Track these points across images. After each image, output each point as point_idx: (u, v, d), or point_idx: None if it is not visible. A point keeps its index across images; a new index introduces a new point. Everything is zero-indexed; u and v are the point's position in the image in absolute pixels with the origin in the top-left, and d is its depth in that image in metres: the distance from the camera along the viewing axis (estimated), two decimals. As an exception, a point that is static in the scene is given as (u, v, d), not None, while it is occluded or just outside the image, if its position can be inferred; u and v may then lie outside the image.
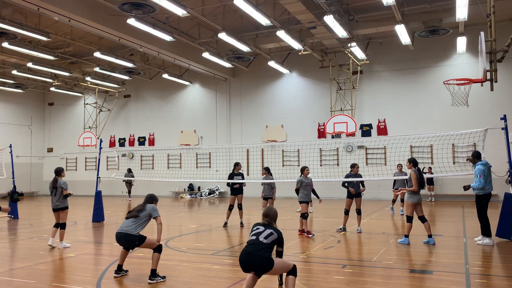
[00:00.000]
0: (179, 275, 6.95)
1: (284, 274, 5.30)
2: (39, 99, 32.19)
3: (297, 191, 10.85)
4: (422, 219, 9.38)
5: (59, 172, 9.67)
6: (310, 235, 10.64)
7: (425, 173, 19.26)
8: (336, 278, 6.70)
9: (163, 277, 6.63)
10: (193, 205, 21.43)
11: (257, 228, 5.29)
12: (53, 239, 9.52)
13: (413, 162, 9.55)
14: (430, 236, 9.33)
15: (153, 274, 6.55)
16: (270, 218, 5.37)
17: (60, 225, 9.49)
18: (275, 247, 5.27)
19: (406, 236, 9.39)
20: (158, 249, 6.71)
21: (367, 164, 22.27)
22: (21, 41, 19.53)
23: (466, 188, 9.47)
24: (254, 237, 5.18)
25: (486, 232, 9.18)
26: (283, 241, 5.30)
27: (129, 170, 23.72)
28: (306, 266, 7.77)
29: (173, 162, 27.16)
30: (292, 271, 5.18)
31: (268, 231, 5.20)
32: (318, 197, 12.30)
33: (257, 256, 4.98)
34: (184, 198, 25.70)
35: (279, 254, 5.31)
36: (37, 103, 32.03)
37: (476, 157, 9.60)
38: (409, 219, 9.40)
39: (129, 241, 6.69)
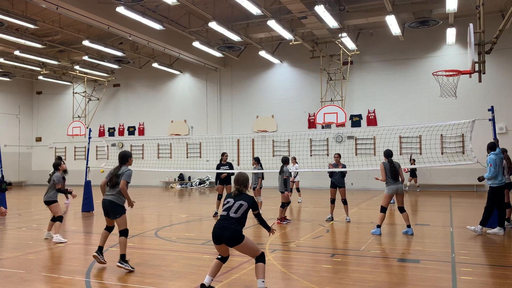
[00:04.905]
0: (169, 265, 6.98)
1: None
2: (27, 87, 31.75)
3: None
4: (400, 209, 9.50)
5: (56, 166, 9.40)
6: (284, 223, 11.05)
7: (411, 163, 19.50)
8: (324, 267, 6.78)
9: (132, 268, 6.58)
10: (184, 195, 21.44)
11: (227, 202, 5.45)
12: (49, 232, 9.27)
13: (385, 154, 9.64)
14: (408, 226, 9.44)
15: (123, 258, 6.59)
16: (240, 184, 5.53)
17: (56, 218, 9.09)
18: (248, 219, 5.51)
19: (378, 226, 9.48)
20: (124, 233, 6.72)
21: (356, 155, 22.41)
22: (8, 29, 19.19)
23: (480, 179, 9.54)
24: (225, 213, 5.38)
25: (500, 221, 9.27)
26: (256, 204, 5.48)
27: (60, 158, 16.57)
28: (295, 255, 7.85)
29: (163, 152, 27.07)
30: (261, 258, 5.31)
31: (237, 204, 5.35)
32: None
33: (228, 229, 5.23)
34: (174, 188, 25.68)
35: (258, 217, 5.52)
36: (25, 91, 31.60)
37: (489, 148, 9.54)
38: (382, 209, 9.55)
39: (113, 208, 6.70)
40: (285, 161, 11.33)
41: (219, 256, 5.46)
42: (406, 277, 6.27)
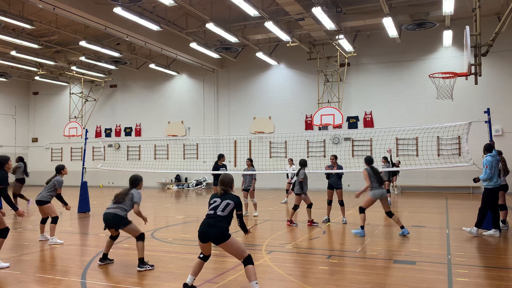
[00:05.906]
0: (165, 266, 6.96)
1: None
2: (24, 88, 31.66)
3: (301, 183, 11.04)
4: (389, 214, 9.52)
5: (59, 169, 9.20)
6: (294, 225, 10.94)
7: (394, 165, 19.54)
8: (321, 269, 6.78)
9: (152, 266, 6.74)
10: (180, 196, 21.40)
11: (214, 201, 5.55)
12: (43, 234, 9.11)
13: (366, 161, 9.74)
14: (402, 227, 9.46)
15: (142, 262, 6.67)
16: (225, 185, 5.61)
17: (52, 219, 8.84)
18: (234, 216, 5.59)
19: (362, 227, 9.48)
20: (140, 237, 6.81)
21: (353, 156, 22.45)
22: (4, 29, 19.15)
23: (475, 180, 9.58)
24: (212, 212, 5.48)
25: (494, 223, 9.32)
26: (241, 204, 5.59)
27: (21, 159, 15.53)
28: (292, 256, 7.85)
29: (160, 153, 27.03)
30: (248, 260, 5.33)
31: (224, 203, 5.46)
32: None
33: (215, 226, 5.34)
34: (171, 189, 25.64)
35: (239, 217, 5.61)
36: (22, 92, 31.50)
37: (486, 149, 9.57)
38: (361, 210, 9.59)
39: (116, 221, 6.80)
40: (303, 164, 11.33)
41: (201, 255, 5.54)
42: (402, 278, 6.27)
